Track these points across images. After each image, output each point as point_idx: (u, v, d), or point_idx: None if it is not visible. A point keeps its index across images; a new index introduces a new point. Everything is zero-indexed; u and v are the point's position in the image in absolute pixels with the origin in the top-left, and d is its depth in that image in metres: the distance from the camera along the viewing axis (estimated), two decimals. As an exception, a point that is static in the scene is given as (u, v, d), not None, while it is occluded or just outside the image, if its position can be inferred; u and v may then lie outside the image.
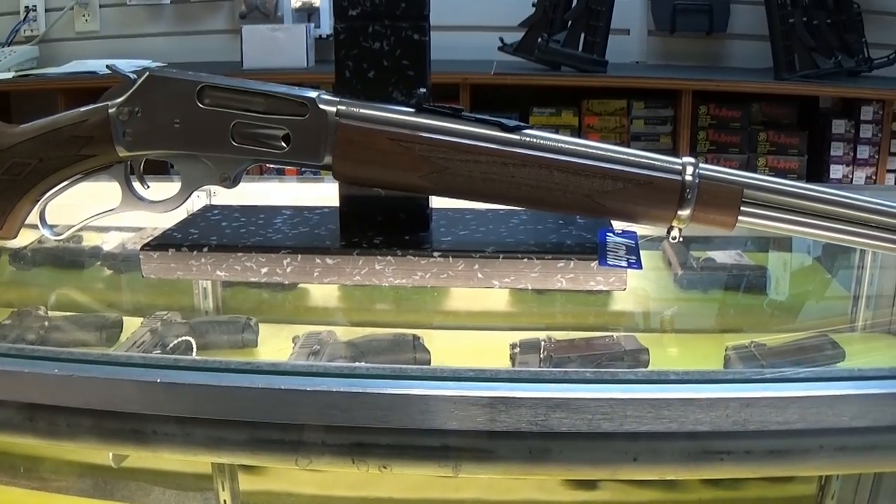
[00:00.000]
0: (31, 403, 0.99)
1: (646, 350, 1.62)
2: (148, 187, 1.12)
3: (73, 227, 1.13)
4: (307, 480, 1.78)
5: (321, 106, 1.03)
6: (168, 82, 1.05)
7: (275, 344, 1.72)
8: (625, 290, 1.13)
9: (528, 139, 1.02)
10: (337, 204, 1.19)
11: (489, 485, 1.74)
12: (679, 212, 1.02)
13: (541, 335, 1.66)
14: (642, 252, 1.13)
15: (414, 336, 1.64)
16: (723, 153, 4.28)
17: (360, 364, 1.38)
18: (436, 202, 1.21)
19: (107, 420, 0.98)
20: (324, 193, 1.32)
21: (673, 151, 4.15)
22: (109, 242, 1.93)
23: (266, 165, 1.16)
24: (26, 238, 1.77)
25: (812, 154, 4.30)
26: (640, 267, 1.07)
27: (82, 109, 1.06)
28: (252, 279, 1.14)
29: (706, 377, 0.97)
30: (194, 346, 1.65)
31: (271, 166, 1.25)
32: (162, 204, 1.11)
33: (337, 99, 1.04)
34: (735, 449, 0.96)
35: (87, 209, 1.12)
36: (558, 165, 1.01)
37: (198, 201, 1.41)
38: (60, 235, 1.13)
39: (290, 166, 1.11)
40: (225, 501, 1.76)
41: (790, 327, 1.80)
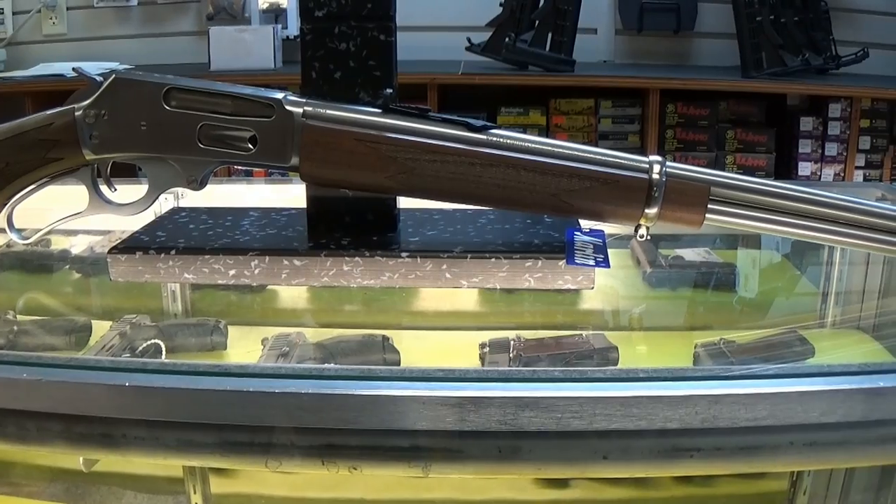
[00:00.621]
0: (0, 408, 0.98)
1: (615, 348, 1.62)
2: (115, 190, 1.11)
3: (41, 231, 1.13)
4: (278, 482, 1.78)
5: (287, 107, 1.03)
6: (134, 85, 1.04)
7: (244, 346, 1.71)
8: (593, 289, 1.14)
9: (495, 139, 1.02)
10: (305, 205, 1.19)
11: (460, 484, 1.74)
12: (646, 210, 1.02)
13: (510, 335, 1.66)
14: (611, 251, 1.13)
15: (383, 337, 1.64)
16: (691, 151, 4.29)
17: (329, 365, 1.38)
18: (403, 202, 1.21)
19: (76, 424, 0.97)
20: (292, 195, 1.32)
21: (641, 150, 4.16)
22: (78, 246, 1.92)
23: (234, 167, 1.16)
24: (-6, 242, 1.77)
25: (780, 151, 4.32)
26: (608, 265, 1.07)
27: (48, 112, 1.05)
28: (220, 281, 1.13)
29: (675, 375, 0.97)
30: (163, 349, 1.65)
31: (240, 168, 1.24)
32: (129, 207, 1.10)
33: (303, 100, 1.04)
34: (705, 446, 0.96)
35: (55, 213, 1.11)
36: (525, 165, 1.02)
37: (165, 203, 1.40)
38: (28, 239, 1.12)
39: (257, 168, 1.11)
40: (196, 504, 1.76)
41: (759, 324, 1.80)
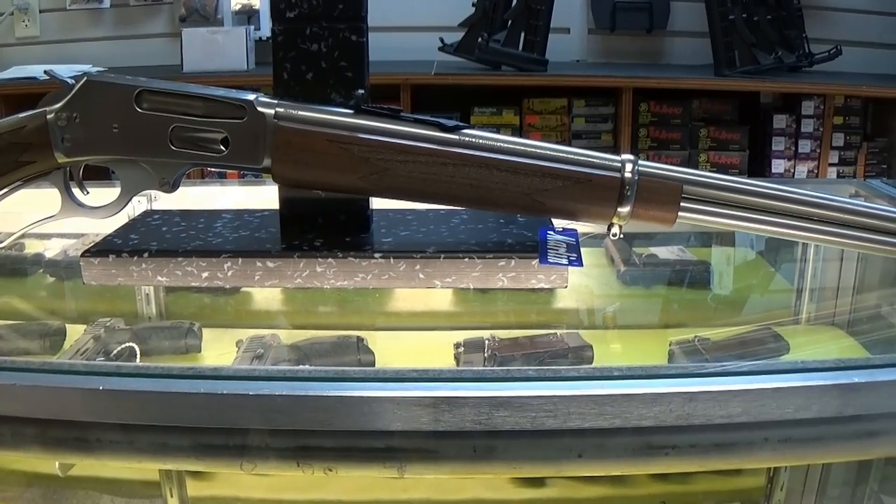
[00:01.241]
0: (-25, 414, 0.98)
1: (590, 347, 1.62)
2: (87, 193, 1.11)
3: (14, 235, 1.13)
4: (255, 485, 1.77)
5: (259, 108, 1.02)
6: (106, 87, 1.04)
7: (218, 348, 1.71)
8: (567, 288, 1.14)
9: (467, 139, 1.02)
10: (277, 207, 1.19)
11: (437, 484, 1.74)
12: (619, 209, 1.03)
13: (485, 334, 1.66)
14: (584, 249, 1.14)
15: (358, 338, 1.63)
16: (664, 150, 4.31)
17: (303, 367, 1.38)
18: (376, 203, 1.21)
19: (51, 429, 0.97)
20: (266, 196, 1.32)
21: (614, 149, 4.17)
22: (51, 249, 1.91)
23: (207, 169, 1.16)
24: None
25: (753, 149, 4.35)
26: (581, 264, 1.08)
27: (20, 116, 1.05)
28: (193, 284, 1.13)
29: (649, 373, 0.97)
30: (138, 353, 1.64)
31: (213, 170, 1.24)
32: (102, 210, 1.10)
33: (275, 101, 1.04)
34: (680, 443, 0.96)
35: (28, 216, 1.11)
36: (498, 164, 1.02)
37: (138, 206, 1.40)
38: (1, 244, 1.12)
39: (230, 169, 1.11)
40: (173, 507, 1.76)
41: (734, 321, 1.81)
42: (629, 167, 1.02)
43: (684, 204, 1.03)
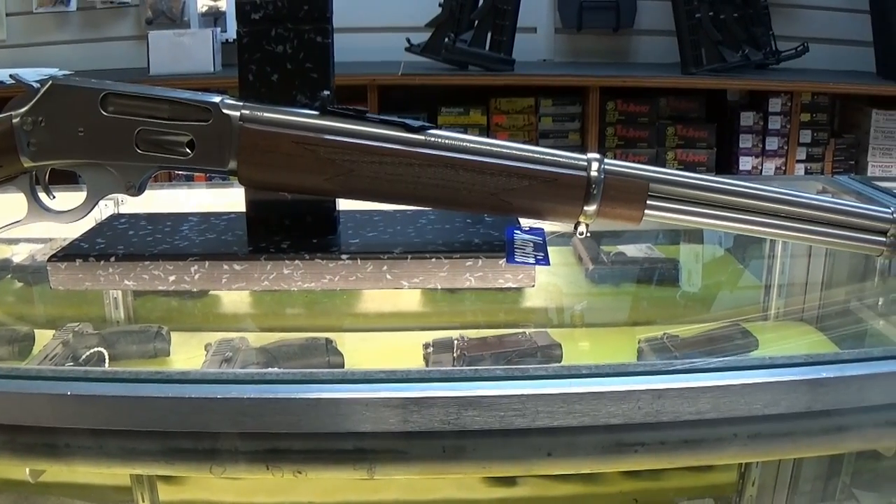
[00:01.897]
0: (-58, 421, 0.97)
1: (558, 345, 1.62)
2: (54, 197, 1.10)
3: (-20, 241, 1.12)
4: (226, 488, 1.77)
5: (224, 111, 1.02)
6: (71, 91, 1.04)
7: (187, 352, 1.70)
8: (535, 287, 1.14)
9: (433, 139, 1.02)
10: (244, 209, 1.18)
11: (408, 485, 1.74)
12: (585, 207, 1.03)
13: (454, 334, 1.66)
14: (553, 248, 1.14)
15: (327, 339, 1.63)
16: (631, 148, 4.31)
17: (271, 370, 1.37)
18: (343, 204, 1.21)
19: (20, 435, 0.97)
20: (233, 199, 1.31)
21: (581, 148, 4.18)
22: (19, 254, 1.90)
23: (175, 172, 1.15)
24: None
25: (721, 147, 4.35)
26: (548, 263, 1.08)
27: (-15, 120, 1.05)
28: (160, 288, 1.13)
29: (617, 370, 0.97)
30: (107, 358, 1.63)
31: (180, 173, 1.23)
32: (68, 214, 1.09)
33: (240, 103, 1.03)
34: (649, 440, 0.97)
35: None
36: (464, 164, 1.02)
37: (105, 210, 1.39)
38: (-33, 250, 1.11)
39: (196, 172, 1.10)
40: (144, 512, 1.75)
41: (703, 318, 1.82)
42: (595, 166, 1.03)
43: (651, 202, 1.04)
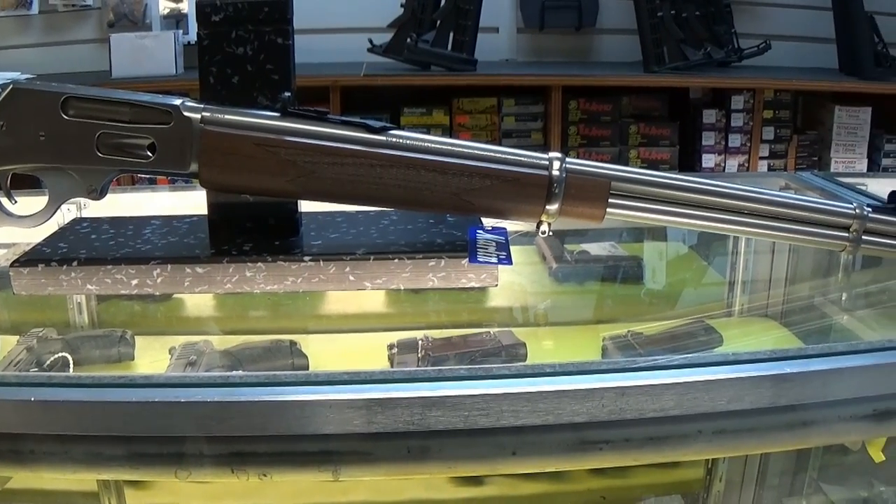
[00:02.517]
0: None
1: (523, 344, 1.63)
2: (15, 202, 1.10)
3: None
4: (194, 492, 1.76)
5: (185, 113, 1.02)
6: (32, 94, 1.03)
7: (152, 356, 1.70)
8: (498, 286, 1.14)
9: (395, 140, 1.02)
10: (206, 212, 1.18)
11: (376, 486, 1.74)
12: (547, 206, 1.03)
13: (418, 335, 1.67)
14: (516, 247, 1.14)
15: (291, 342, 1.63)
16: (594, 147, 4.32)
17: (235, 373, 1.37)
18: (306, 206, 1.20)
19: (-17, 441, 0.96)
20: (195, 202, 1.31)
21: (544, 147, 4.19)
22: (-19, 260, 1.89)
23: (137, 175, 1.15)
24: None
25: (684, 144, 4.38)
26: (511, 263, 1.08)
27: (-54, 125, 1.04)
28: (123, 292, 1.12)
29: (580, 368, 0.97)
30: (71, 363, 1.63)
31: (143, 176, 1.23)
32: (30, 218, 1.09)
33: (201, 106, 1.03)
34: (613, 438, 0.97)
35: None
36: (425, 165, 1.02)
37: (68, 214, 1.39)
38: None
39: (158, 175, 1.10)
40: (112, 517, 1.74)
41: (667, 315, 1.82)
42: (557, 165, 1.03)
43: (613, 200, 1.04)
